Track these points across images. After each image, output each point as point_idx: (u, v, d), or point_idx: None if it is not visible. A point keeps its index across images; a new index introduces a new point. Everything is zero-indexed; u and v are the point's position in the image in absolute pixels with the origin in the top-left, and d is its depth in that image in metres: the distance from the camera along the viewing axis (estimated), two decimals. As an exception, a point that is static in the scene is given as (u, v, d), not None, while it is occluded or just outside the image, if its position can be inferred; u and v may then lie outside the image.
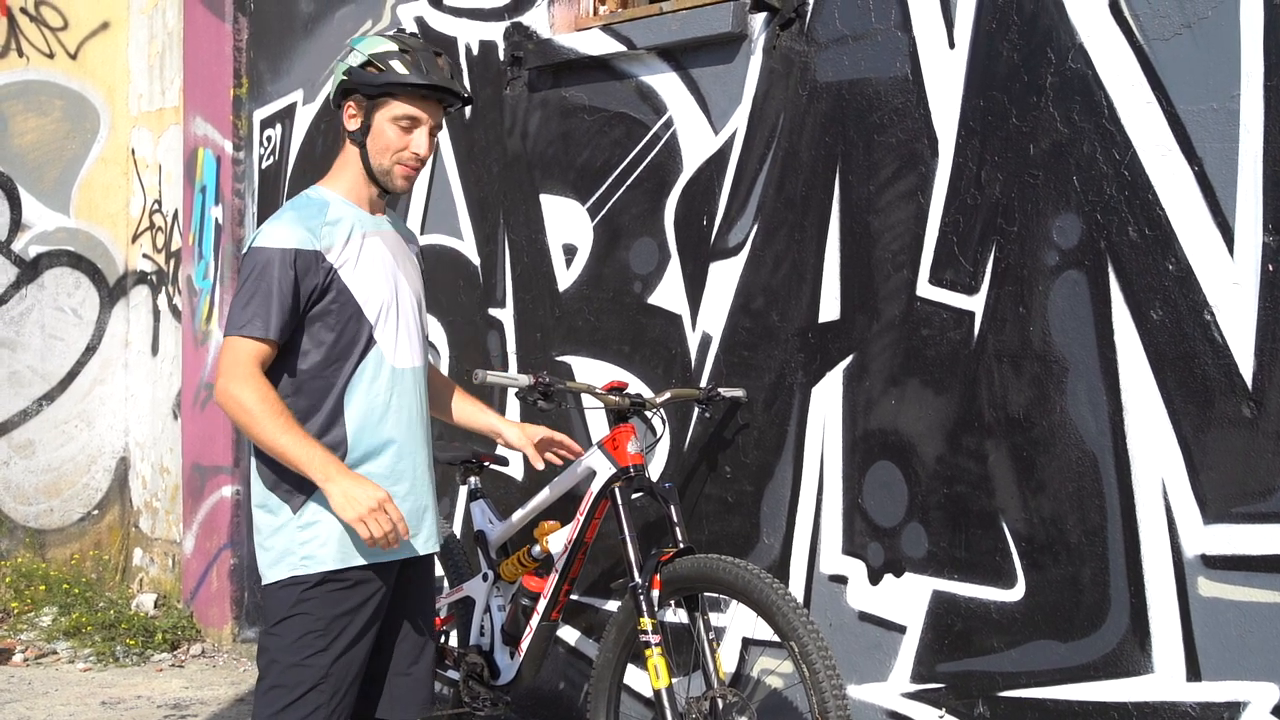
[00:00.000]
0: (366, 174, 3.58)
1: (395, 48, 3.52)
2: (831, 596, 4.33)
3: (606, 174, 5.03)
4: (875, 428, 4.22)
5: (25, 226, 7.97)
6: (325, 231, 3.47)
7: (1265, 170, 3.36)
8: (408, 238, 3.80)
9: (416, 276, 3.74)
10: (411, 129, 3.53)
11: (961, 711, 3.99)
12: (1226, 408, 3.44)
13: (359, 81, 3.52)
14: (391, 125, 3.52)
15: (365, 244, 3.54)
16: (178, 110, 7.64)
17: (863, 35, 4.23)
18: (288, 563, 3.50)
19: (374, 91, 3.51)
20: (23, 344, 7.96)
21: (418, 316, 3.68)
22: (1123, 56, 3.63)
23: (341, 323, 3.48)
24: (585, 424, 5.10)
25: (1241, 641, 3.43)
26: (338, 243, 3.48)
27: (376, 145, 3.54)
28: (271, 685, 3.50)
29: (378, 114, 3.53)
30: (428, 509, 3.64)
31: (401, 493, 3.55)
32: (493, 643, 4.61)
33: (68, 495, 8.12)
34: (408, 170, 3.56)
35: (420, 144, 3.54)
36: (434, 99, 3.55)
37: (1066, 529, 3.76)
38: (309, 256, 3.43)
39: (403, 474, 3.56)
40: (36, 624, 7.34)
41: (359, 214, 3.58)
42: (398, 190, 3.60)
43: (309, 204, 3.55)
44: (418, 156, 3.55)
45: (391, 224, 3.70)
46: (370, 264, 3.54)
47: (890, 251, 4.16)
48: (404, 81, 3.48)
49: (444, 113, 3.62)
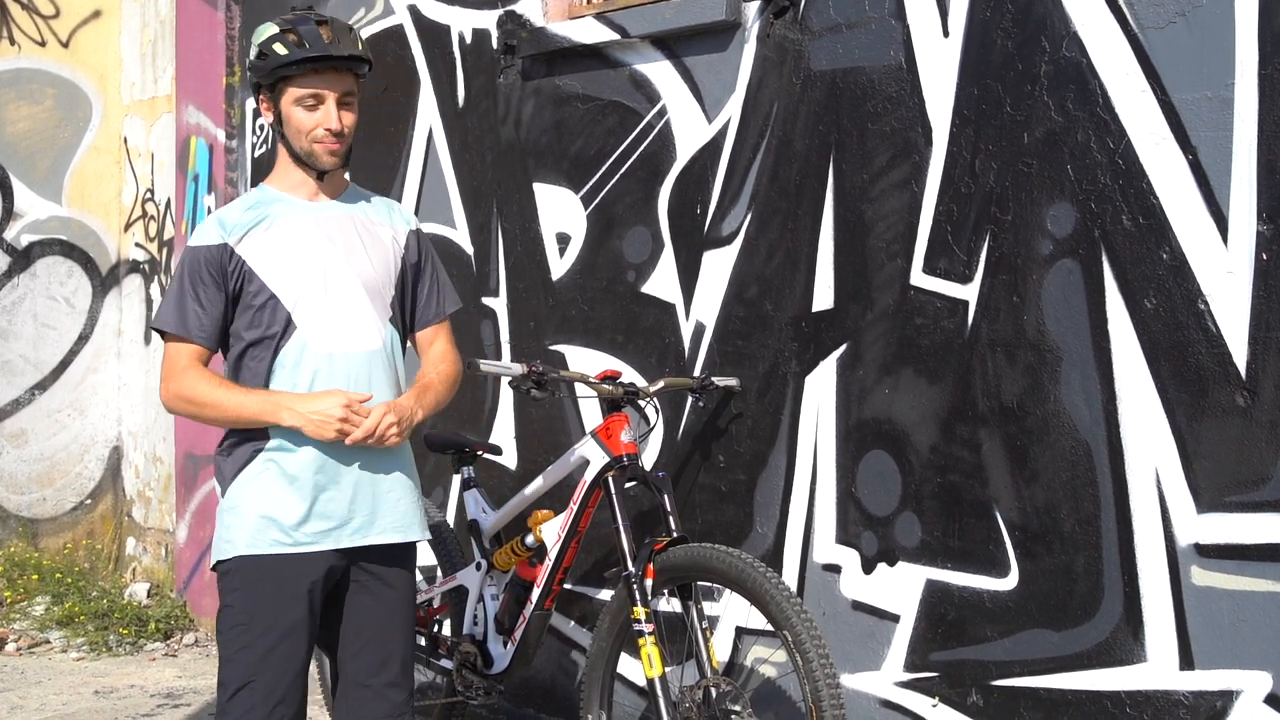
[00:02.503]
0: (296, 161, 3.56)
1: (276, 30, 3.47)
2: (825, 585, 4.33)
3: (600, 163, 5.02)
4: (869, 417, 4.22)
5: (17, 215, 7.95)
6: (239, 224, 3.49)
7: (1259, 159, 3.35)
8: (375, 219, 3.69)
9: (378, 257, 3.63)
10: (316, 106, 3.48)
11: (955, 700, 3.99)
12: (1220, 397, 3.44)
13: (258, 74, 3.50)
14: (296, 108, 3.49)
15: (283, 228, 3.51)
16: (170, 99, 7.61)
17: (857, 23, 4.22)
18: (218, 549, 3.56)
19: (270, 80, 3.48)
20: (15, 333, 7.94)
21: (367, 298, 3.57)
22: (1117, 45, 3.62)
23: (258, 310, 3.47)
24: (579, 413, 5.10)
25: (1234, 630, 3.43)
26: (251, 233, 3.48)
27: (291, 131, 3.52)
28: (219, 679, 3.53)
29: (282, 101, 3.51)
30: (369, 497, 3.54)
31: (323, 481, 3.48)
32: (486, 632, 4.61)
33: (60, 484, 8.11)
34: (328, 146, 3.50)
35: (329, 118, 3.47)
36: (330, 70, 3.46)
37: (1060, 518, 3.76)
38: (216, 250, 3.46)
39: (326, 462, 3.48)
40: (29, 613, 7.33)
41: (288, 201, 3.56)
42: (327, 167, 3.54)
43: (242, 199, 3.62)
44: (330, 131, 3.48)
45: (346, 206, 3.63)
46: (287, 248, 3.50)
47: (884, 240, 4.16)
48: (287, 61, 3.43)
49: (354, 78, 3.53)
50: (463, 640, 4.63)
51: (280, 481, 3.47)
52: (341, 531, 3.51)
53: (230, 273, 3.46)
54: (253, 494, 3.48)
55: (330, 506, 3.49)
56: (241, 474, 3.51)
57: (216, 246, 3.46)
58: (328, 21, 3.49)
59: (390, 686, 3.60)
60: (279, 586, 3.46)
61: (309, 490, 3.47)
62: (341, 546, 3.51)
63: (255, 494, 3.48)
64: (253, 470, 3.49)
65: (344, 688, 3.62)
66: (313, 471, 3.47)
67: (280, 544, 3.46)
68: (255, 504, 3.47)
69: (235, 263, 3.46)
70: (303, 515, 3.47)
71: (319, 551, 3.49)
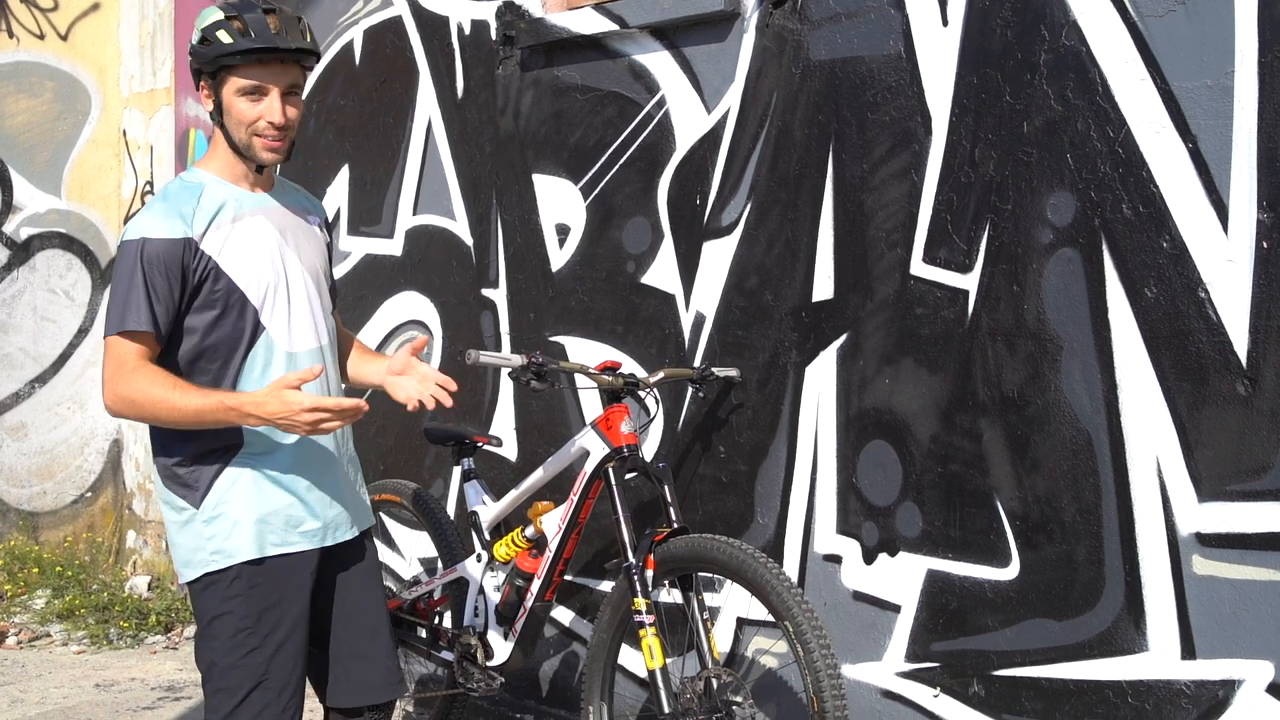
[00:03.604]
0: (234, 152, 3.41)
1: (221, 16, 3.32)
2: (826, 576, 4.33)
3: (599, 153, 5.02)
4: (869, 407, 4.21)
5: (16, 208, 7.94)
6: (198, 217, 3.32)
7: (1259, 147, 3.35)
8: (304, 210, 3.62)
9: (314, 250, 3.57)
10: (259, 98, 3.32)
11: (956, 690, 3.99)
12: (1221, 385, 3.44)
13: (199, 60, 3.35)
14: (239, 98, 3.33)
15: (244, 225, 3.39)
16: (169, 91, 7.60)
17: (856, 13, 4.21)
18: (199, 560, 3.39)
19: (212, 68, 3.34)
20: (14, 326, 7.94)
21: (315, 294, 3.52)
22: (1116, 33, 3.61)
23: (224, 311, 3.34)
24: (579, 404, 5.10)
25: (1236, 619, 3.43)
26: (212, 227, 3.33)
27: (231, 121, 3.36)
28: (216, 689, 3.41)
29: (224, 90, 3.34)
30: (344, 492, 3.55)
31: (307, 482, 3.45)
32: (487, 623, 4.61)
33: (61, 478, 8.10)
34: (268, 142, 3.35)
35: (273, 111, 3.32)
36: (275, 61, 3.31)
37: (1061, 508, 3.76)
38: (180, 245, 3.28)
39: (307, 461, 3.45)
40: (30, 607, 7.33)
41: (236, 193, 3.42)
42: (265, 163, 3.39)
43: (182, 188, 3.41)
44: (273, 125, 3.33)
45: (280, 198, 3.53)
46: (251, 245, 3.38)
47: (884, 230, 4.15)
48: (230, 50, 3.27)
49: (300, 70, 3.39)
50: (463, 632, 4.63)
51: (265, 484, 3.40)
52: (328, 529, 3.51)
53: (192, 269, 3.29)
54: (238, 500, 3.38)
55: (320, 507, 3.48)
56: (218, 481, 3.38)
57: (179, 240, 3.27)
58: (275, 10, 3.36)
59: (384, 656, 3.63)
60: (281, 588, 3.42)
61: (296, 490, 3.44)
62: (328, 544, 3.51)
63: (241, 499, 3.38)
64: (230, 476, 3.38)
65: (338, 668, 3.61)
66: (296, 471, 3.44)
67: (279, 546, 3.41)
68: (245, 509, 3.37)
69: (200, 259, 3.29)
70: (296, 517, 3.44)
71: (310, 551, 3.48)
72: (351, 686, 3.61)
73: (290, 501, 3.43)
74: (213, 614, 3.39)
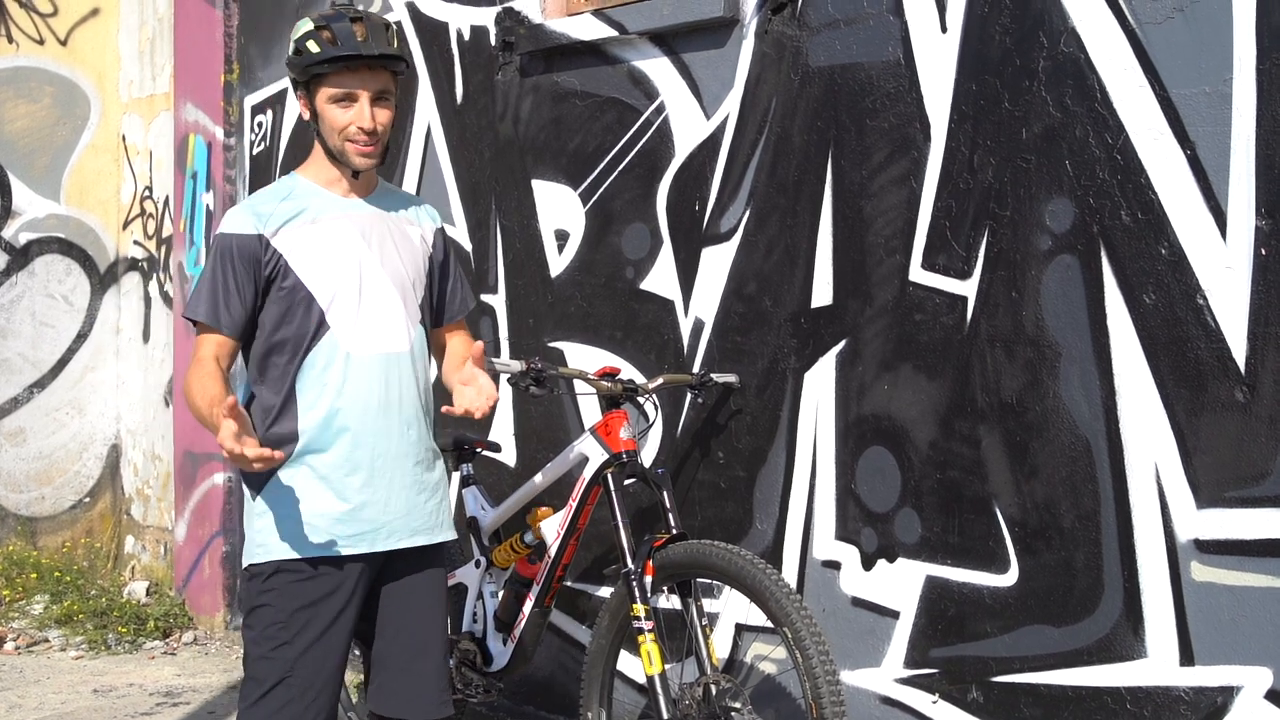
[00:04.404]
0: (329, 158, 3.52)
1: (311, 26, 3.42)
2: (825, 582, 4.33)
3: (598, 159, 5.02)
4: (868, 413, 4.21)
5: (15, 213, 7.94)
6: (274, 215, 3.45)
7: (1258, 154, 3.35)
8: (404, 218, 3.68)
9: (407, 258, 3.61)
10: (350, 104, 3.43)
11: (955, 697, 3.99)
12: (1219, 392, 3.44)
13: (293, 71, 3.47)
14: (330, 105, 3.43)
15: (323, 226, 3.48)
16: (168, 96, 7.61)
17: (855, 19, 4.21)
18: (248, 550, 3.51)
19: (305, 77, 3.45)
20: (13, 331, 7.94)
21: (398, 299, 3.55)
22: (1115, 40, 3.62)
23: (291, 308, 3.44)
24: (578, 410, 5.10)
25: (1234, 626, 3.43)
26: (288, 226, 3.44)
27: (325, 128, 3.47)
28: (248, 676, 3.50)
29: (317, 98, 3.45)
30: (407, 498, 3.56)
31: (358, 484, 3.47)
32: (485, 629, 4.61)
33: (59, 483, 8.10)
34: (359, 147, 3.45)
35: (362, 116, 3.42)
36: (363, 68, 3.41)
37: (1059, 514, 3.76)
38: (252, 240, 3.42)
39: (359, 464, 3.48)
40: (28, 612, 7.33)
41: (324, 196, 3.52)
42: (358, 168, 3.49)
43: (271, 189, 3.56)
44: (363, 130, 3.43)
45: (377, 204, 3.60)
46: (325, 246, 3.47)
47: (883, 236, 4.15)
48: (319, 59, 3.39)
49: (390, 75, 3.49)
50: (462, 638, 4.63)
51: (315, 484, 3.46)
52: (377, 534, 3.51)
53: (264, 263, 3.42)
54: (288, 498, 3.45)
55: (368, 510, 3.49)
56: (274, 478, 3.46)
57: (251, 236, 3.42)
58: (363, 18, 3.44)
59: (431, 674, 3.63)
60: (318, 588, 3.46)
61: (345, 492, 3.47)
62: (377, 550, 3.52)
63: (291, 498, 3.45)
64: (286, 474, 3.46)
65: (383, 677, 3.63)
66: (345, 473, 3.47)
67: (319, 548, 3.45)
68: (292, 508, 3.45)
69: (270, 254, 3.42)
70: (340, 518, 3.47)
71: (356, 554, 3.50)
72: (391, 699, 3.62)
73: (339, 503, 3.47)
74: (252, 604, 3.50)
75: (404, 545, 3.56)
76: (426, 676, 3.62)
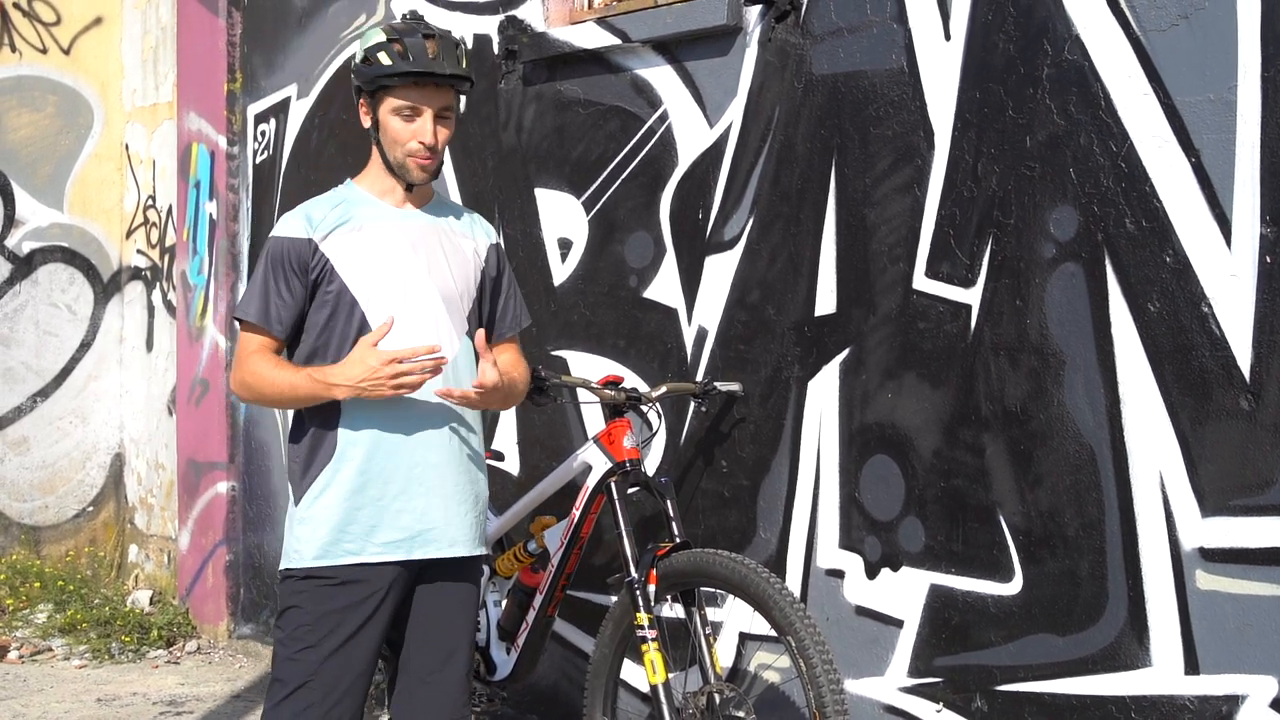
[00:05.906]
0: (387, 169, 3.57)
1: (384, 38, 3.48)
2: (828, 591, 4.32)
3: (602, 168, 5.02)
4: (872, 421, 4.21)
5: (19, 222, 7.95)
6: (325, 220, 3.52)
7: (1263, 161, 3.35)
8: (457, 231, 3.70)
9: (458, 270, 3.63)
10: (414, 118, 3.49)
11: (959, 706, 3.98)
12: (1224, 400, 3.43)
13: (360, 79, 3.53)
14: (394, 117, 3.50)
15: (372, 233, 3.53)
16: (171, 105, 7.62)
17: (858, 27, 4.21)
18: (286, 554, 3.56)
19: (371, 87, 3.51)
20: (17, 340, 7.94)
21: (443, 310, 3.57)
22: (1119, 47, 3.61)
23: (334, 312, 3.50)
24: (581, 419, 5.09)
25: (1240, 635, 3.42)
26: (337, 232, 3.50)
27: (387, 139, 3.53)
28: (274, 677, 3.56)
29: (381, 108, 3.52)
30: (446, 507, 3.55)
31: (393, 492, 3.49)
32: (489, 638, 4.60)
33: (63, 492, 8.10)
34: (419, 160, 3.51)
35: (424, 132, 3.49)
36: (431, 84, 3.49)
37: (1064, 522, 3.75)
38: (302, 244, 3.49)
39: (394, 472, 3.49)
40: (32, 621, 7.32)
41: (377, 205, 3.58)
42: (417, 181, 3.55)
43: (326, 196, 3.63)
44: (425, 145, 3.49)
45: (431, 215, 3.65)
46: (373, 253, 3.52)
47: (886, 245, 4.15)
48: (389, 72, 3.45)
49: (454, 94, 3.56)
50: (465, 647, 4.62)
51: (352, 492, 3.48)
52: (414, 543, 3.52)
53: (312, 267, 3.48)
54: (324, 506, 3.49)
55: (402, 519, 3.51)
56: (314, 485, 3.50)
57: (301, 240, 3.49)
58: (435, 36, 3.50)
59: (453, 685, 3.64)
60: (348, 596, 3.49)
61: (383, 499, 3.49)
62: (414, 558, 3.53)
63: (326, 506, 3.49)
64: (323, 481, 3.50)
65: (407, 685, 3.64)
66: (384, 480, 3.49)
67: (351, 554, 3.48)
68: (327, 516, 3.48)
69: (318, 259, 3.48)
70: (374, 527, 3.49)
71: (388, 563, 3.51)
72: (415, 712, 3.63)
73: (374, 511, 3.49)
74: (284, 605, 3.56)
75: (441, 555, 3.57)
76: (447, 687, 3.63)
